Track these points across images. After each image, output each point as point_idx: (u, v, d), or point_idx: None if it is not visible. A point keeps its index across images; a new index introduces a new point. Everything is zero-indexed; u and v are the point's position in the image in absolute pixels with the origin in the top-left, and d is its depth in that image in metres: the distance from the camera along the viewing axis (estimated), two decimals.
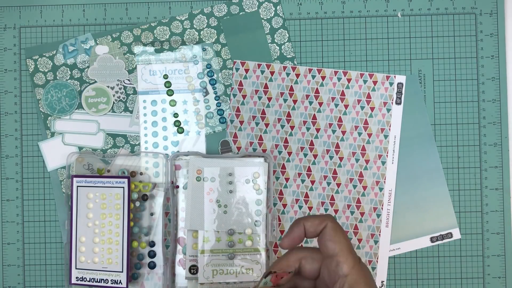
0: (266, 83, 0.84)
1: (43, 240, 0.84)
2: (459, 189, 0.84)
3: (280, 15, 0.85)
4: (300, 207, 0.83)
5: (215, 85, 0.82)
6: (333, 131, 0.83)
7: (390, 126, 0.84)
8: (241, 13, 0.84)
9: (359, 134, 0.84)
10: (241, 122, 0.84)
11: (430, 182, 0.84)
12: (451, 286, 0.84)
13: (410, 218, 0.84)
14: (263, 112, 0.84)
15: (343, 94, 0.84)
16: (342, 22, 0.85)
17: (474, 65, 0.85)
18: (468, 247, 0.84)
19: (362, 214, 0.83)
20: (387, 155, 0.83)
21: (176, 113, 0.82)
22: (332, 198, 0.83)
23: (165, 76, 0.82)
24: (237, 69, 0.84)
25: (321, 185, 0.83)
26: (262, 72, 0.84)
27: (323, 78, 0.83)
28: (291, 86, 0.84)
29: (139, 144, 0.84)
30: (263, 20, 0.84)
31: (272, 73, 0.84)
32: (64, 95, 0.83)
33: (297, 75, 0.84)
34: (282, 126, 0.84)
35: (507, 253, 0.84)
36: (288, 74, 0.84)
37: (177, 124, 0.82)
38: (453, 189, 0.84)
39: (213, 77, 0.81)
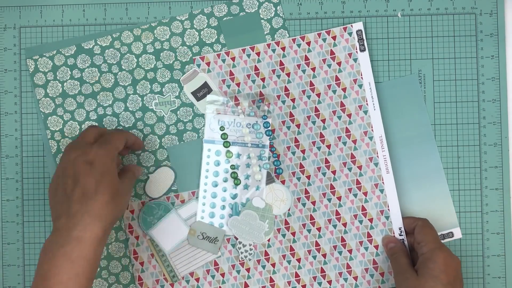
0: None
1: (43, 240, 0.84)
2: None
3: (280, 15, 0.84)
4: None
5: (271, 136, 0.81)
6: (308, 97, 0.83)
7: (361, 75, 0.83)
8: (241, 13, 0.84)
9: (334, 91, 0.83)
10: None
11: (430, 182, 0.84)
12: None
13: None
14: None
15: (307, 58, 0.83)
16: (342, 22, 0.85)
17: (474, 65, 0.85)
18: (468, 247, 0.84)
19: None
20: (367, 104, 0.82)
21: (233, 165, 0.82)
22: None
23: (222, 128, 0.82)
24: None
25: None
26: (249, 56, 0.83)
27: (283, 49, 0.83)
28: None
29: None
30: (263, 20, 0.84)
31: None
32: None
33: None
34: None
35: (507, 253, 0.84)
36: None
37: (233, 175, 0.82)
38: (453, 189, 0.84)
39: (269, 128, 0.81)
